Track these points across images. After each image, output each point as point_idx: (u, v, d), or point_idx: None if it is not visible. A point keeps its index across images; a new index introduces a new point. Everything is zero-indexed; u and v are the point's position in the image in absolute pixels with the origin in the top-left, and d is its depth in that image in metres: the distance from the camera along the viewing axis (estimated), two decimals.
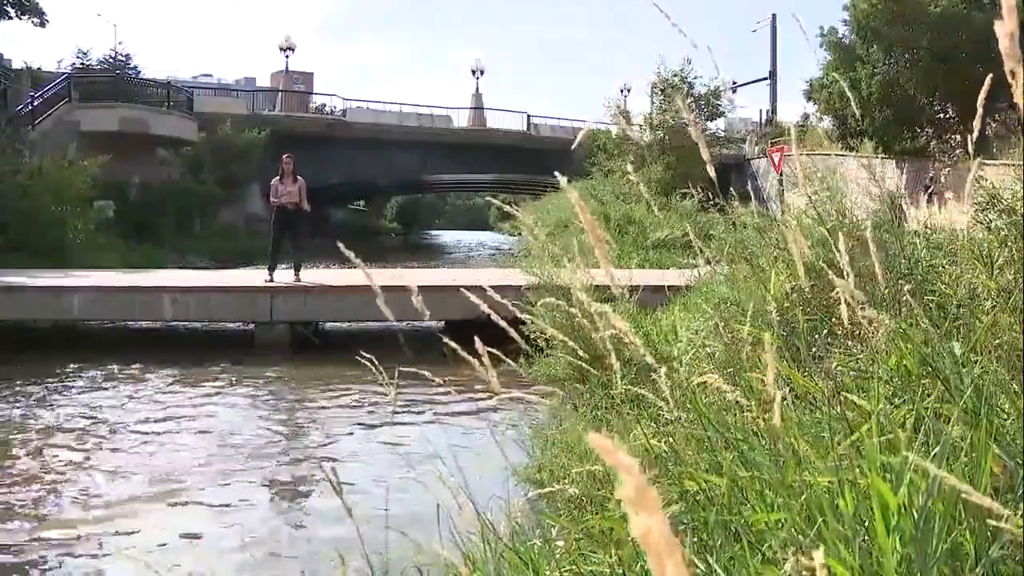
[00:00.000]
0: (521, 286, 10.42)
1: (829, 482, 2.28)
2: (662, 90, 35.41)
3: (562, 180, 2.11)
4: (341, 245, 2.16)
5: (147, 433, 9.10)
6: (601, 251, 1.86)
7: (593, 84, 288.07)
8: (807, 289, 5.23)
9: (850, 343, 4.37)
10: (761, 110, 45.40)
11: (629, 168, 3.16)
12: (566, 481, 4.91)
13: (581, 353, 3.21)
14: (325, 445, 8.88)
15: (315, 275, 16.24)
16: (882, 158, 23.95)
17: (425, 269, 23.30)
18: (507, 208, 3.09)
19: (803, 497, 2.32)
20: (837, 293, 3.05)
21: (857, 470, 2.28)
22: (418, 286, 2.52)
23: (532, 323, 3.58)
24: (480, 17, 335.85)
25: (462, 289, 3.12)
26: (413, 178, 55.18)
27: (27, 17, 34.36)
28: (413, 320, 14.20)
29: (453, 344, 2.61)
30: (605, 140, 35.26)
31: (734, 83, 38.76)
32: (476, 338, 2.59)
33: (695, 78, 34.91)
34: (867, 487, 2.14)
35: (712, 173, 2.67)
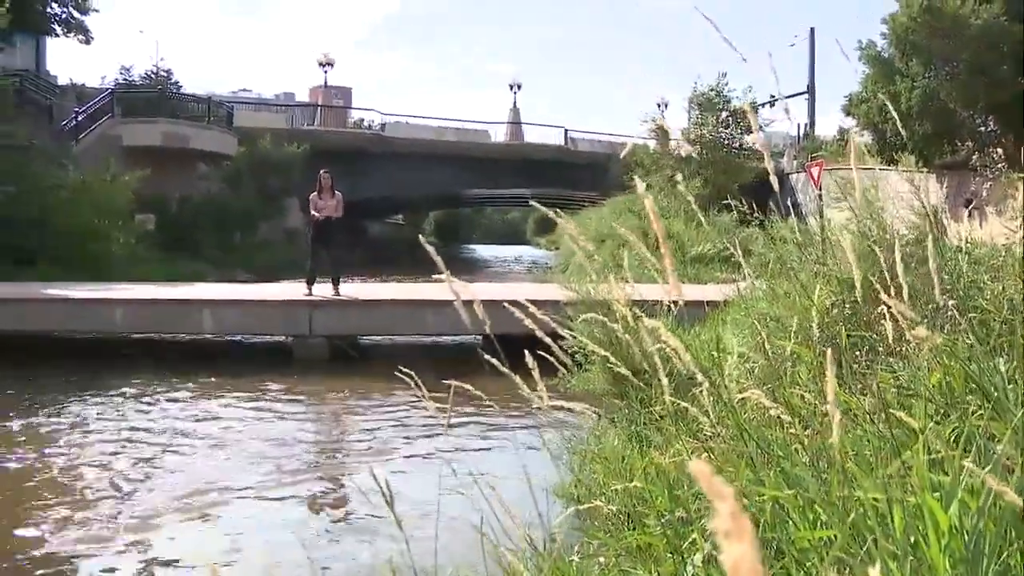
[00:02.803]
0: (560, 301, 10.39)
1: (875, 500, 2.26)
2: (699, 104, 35.32)
3: (640, 185, 2.11)
4: (430, 249, 2.17)
5: (185, 446, 9.17)
6: (670, 263, 1.86)
7: (592, 85, 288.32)
8: (849, 305, 5.19)
9: (892, 360, 4.33)
10: (799, 124, 45.02)
11: (679, 177, 3.16)
12: (604, 497, 4.89)
13: (623, 369, 3.19)
14: (364, 459, 8.89)
15: (354, 289, 16.30)
16: (922, 172, 23.70)
17: (463, 283, 23.36)
18: (552, 215, 3.08)
19: (851, 515, 2.30)
20: (881, 309, 3.02)
21: (906, 488, 2.26)
22: (463, 300, 2.53)
23: (574, 338, 3.58)
24: (517, 20, 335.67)
25: (504, 304, 3.13)
26: (450, 192, 55.28)
27: (73, 35, 34.97)
28: (454, 334, 14.29)
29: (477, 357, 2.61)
30: (643, 155, 35.19)
31: (772, 97, 38.50)
32: (527, 352, 2.60)
33: (731, 91, 34.82)
34: (916, 506, 2.12)
35: (777, 185, 2.66)
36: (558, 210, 3.38)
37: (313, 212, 15.20)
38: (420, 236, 2.41)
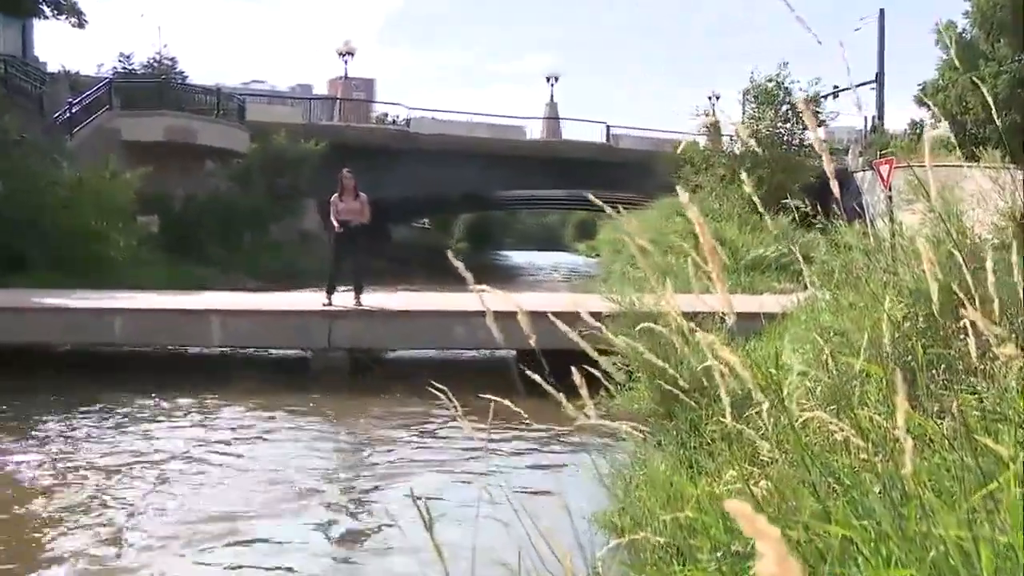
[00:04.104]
0: (602, 312, 10.34)
1: (959, 537, 2.22)
2: (755, 97, 35.06)
3: (683, 195, 2.10)
4: (459, 265, 2.17)
5: (191, 469, 9.19)
6: (720, 280, 1.84)
7: (592, 85, 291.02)
8: (923, 318, 5.13)
9: (974, 380, 4.27)
10: (866, 117, 44.55)
11: (744, 176, 3.11)
12: (652, 528, 4.86)
13: (682, 383, 3.17)
14: (390, 483, 8.88)
15: (377, 298, 16.30)
16: (1009, 168, 23.30)
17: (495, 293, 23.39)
18: (609, 210, 3.06)
19: (931, 554, 2.26)
20: (962, 323, 2.98)
21: (994, 525, 2.22)
22: (496, 311, 2.52)
23: (623, 352, 3.56)
24: (554, 16, 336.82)
25: (549, 315, 3.12)
26: (482, 193, 55.37)
27: (64, 17, 34.67)
28: (486, 348, 14.25)
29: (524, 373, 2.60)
30: (692, 153, 34.99)
31: (836, 88, 38.25)
32: (573, 369, 2.59)
33: (792, 83, 34.51)
34: (1008, 546, 2.08)
35: (836, 190, 2.64)
36: (601, 214, 3.36)
37: (332, 216, 15.13)
38: (448, 251, 2.41)
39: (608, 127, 54.12)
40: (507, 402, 2.91)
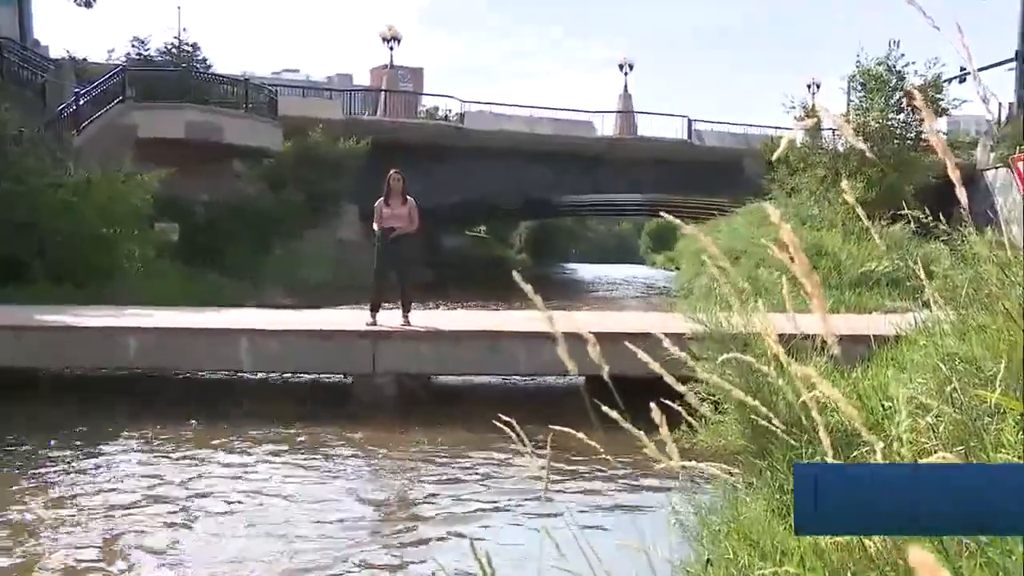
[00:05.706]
0: (683, 334, 10.24)
1: None
2: (862, 84, 34.48)
3: (774, 213, 2.05)
4: (528, 288, 2.15)
5: (217, 510, 9.20)
6: (820, 305, 1.80)
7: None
8: None
9: None
10: (1000, 104, 43.32)
11: (844, 185, 3.06)
12: None
13: (776, 422, 3.12)
14: (442, 527, 8.83)
15: (427, 317, 16.27)
16: None
17: (560, 311, 23.37)
18: (686, 228, 3.03)
19: None
20: None
21: None
22: (562, 333, 2.50)
23: (708, 382, 3.52)
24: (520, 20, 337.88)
25: (624, 339, 3.09)
26: (545, 198, 55.41)
27: None
28: (551, 374, 14.17)
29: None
30: (788, 151, 34.55)
31: (962, 70, 37.65)
32: (652, 405, 2.55)
33: (906, 65, 33.79)
34: None
35: (964, 197, 2.57)
36: (683, 221, 3.32)
37: (377, 223, 15.13)
38: (514, 268, 2.39)
39: (690, 121, 54.01)
40: (580, 435, 2.87)
